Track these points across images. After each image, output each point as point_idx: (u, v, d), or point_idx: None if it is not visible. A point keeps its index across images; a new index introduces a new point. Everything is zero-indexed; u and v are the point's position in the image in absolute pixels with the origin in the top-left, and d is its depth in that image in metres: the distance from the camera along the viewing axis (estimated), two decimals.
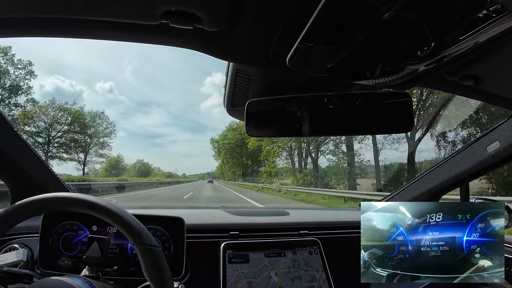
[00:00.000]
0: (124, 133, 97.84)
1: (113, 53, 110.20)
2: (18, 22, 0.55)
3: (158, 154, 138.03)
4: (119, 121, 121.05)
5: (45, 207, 0.60)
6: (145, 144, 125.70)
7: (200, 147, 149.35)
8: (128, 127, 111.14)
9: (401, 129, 0.78)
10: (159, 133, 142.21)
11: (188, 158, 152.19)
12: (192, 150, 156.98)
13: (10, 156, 0.97)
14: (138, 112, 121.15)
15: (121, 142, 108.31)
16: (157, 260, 0.58)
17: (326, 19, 0.43)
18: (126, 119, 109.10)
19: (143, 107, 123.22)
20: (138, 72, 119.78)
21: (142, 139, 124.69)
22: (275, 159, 28.03)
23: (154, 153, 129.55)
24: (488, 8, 0.39)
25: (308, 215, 1.36)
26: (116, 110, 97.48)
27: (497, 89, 0.76)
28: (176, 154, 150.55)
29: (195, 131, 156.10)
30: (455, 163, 1.10)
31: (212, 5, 0.49)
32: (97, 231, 0.90)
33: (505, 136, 0.90)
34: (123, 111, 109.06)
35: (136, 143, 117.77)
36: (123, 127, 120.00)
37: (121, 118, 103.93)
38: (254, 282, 0.94)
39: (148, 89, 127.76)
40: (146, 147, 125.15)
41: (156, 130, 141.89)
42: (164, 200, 13.79)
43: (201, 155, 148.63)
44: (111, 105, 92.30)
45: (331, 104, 0.74)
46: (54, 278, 0.60)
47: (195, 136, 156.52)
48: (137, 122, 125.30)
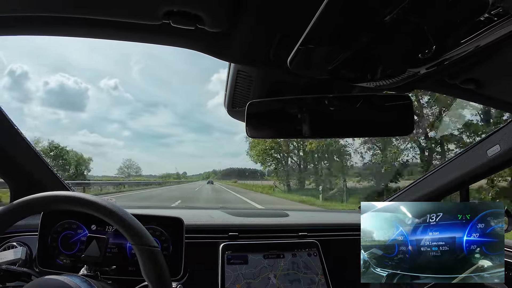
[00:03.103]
0: (130, 133, 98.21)
1: (119, 52, 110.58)
2: (20, 20, 0.55)
3: (165, 154, 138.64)
4: (126, 121, 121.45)
5: (45, 205, 0.60)
6: (152, 144, 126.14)
7: (205, 148, 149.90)
8: (135, 127, 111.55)
9: (401, 132, 0.78)
10: (166, 134, 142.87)
11: (193, 159, 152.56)
12: (197, 150, 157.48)
13: (10, 154, 0.98)
14: (145, 112, 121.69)
15: (128, 142, 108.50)
16: (155, 261, 0.58)
17: (328, 21, 0.43)
18: (133, 119, 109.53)
19: (150, 107, 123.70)
20: (144, 71, 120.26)
21: (148, 139, 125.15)
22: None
23: (161, 153, 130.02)
24: (490, 12, 0.39)
25: (308, 216, 1.36)
26: (123, 110, 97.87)
27: (498, 92, 0.76)
28: (183, 154, 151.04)
29: (201, 131, 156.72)
30: (455, 166, 1.09)
31: (213, 5, 0.49)
32: (96, 230, 0.90)
33: (505, 140, 0.90)
34: (130, 111, 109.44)
35: (143, 143, 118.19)
36: (130, 127, 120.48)
37: (128, 118, 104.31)
38: (252, 283, 0.94)
39: (155, 89, 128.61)
40: (152, 147, 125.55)
41: (163, 130, 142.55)
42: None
43: (207, 155, 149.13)
44: (117, 105, 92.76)
45: (331, 106, 0.74)
46: (52, 276, 0.60)
47: (201, 136, 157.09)
48: (144, 122, 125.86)
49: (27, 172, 1.04)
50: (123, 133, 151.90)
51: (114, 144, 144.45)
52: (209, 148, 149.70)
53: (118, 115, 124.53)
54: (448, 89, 0.77)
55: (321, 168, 22.66)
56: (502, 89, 0.74)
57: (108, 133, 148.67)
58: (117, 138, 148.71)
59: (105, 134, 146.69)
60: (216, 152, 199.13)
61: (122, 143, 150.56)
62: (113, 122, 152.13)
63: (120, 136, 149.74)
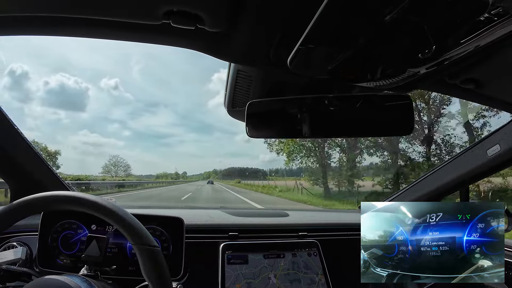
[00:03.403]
0: (131, 133, 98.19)
1: (119, 52, 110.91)
2: (19, 20, 0.55)
3: (166, 154, 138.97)
4: (126, 121, 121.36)
5: (45, 205, 0.60)
6: (153, 144, 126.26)
7: (206, 147, 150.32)
8: (135, 127, 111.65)
9: (401, 132, 0.78)
10: (167, 133, 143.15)
11: (194, 159, 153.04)
12: (198, 150, 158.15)
13: (10, 154, 0.98)
14: (146, 112, 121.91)
15: (128, 142, 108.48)
16: (155, 260, 0.58)
17: (328, 21, 0.43)
18: (133, 119, 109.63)
19: (151, 107, 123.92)
20: (145, 71, 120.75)
21: (149, 139, 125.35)
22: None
23: (162, 153, 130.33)
24: (490, 12, 0.39)
25: (308, 216, 1.36)
26: (124, 110, 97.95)
27: (498, 92, 0.76)
28: (184, 154, 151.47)
29: (202, 131, 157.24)
30: (455, 166, 1.10)
31: (213, 5, 0.49)
32: (96, 230, 0.90)
33: (505, 140, 0.90)
34: (131, 111, 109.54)
35: (144, 143, 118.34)
36: (130, 127, 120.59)
37: (129, 118, 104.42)
38: (253, 283, 0.94)
39: (156, 89, 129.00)
40: (153, 147, 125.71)
41: (163, 130, 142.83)
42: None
43: (207, 155, 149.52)
44: (117, 105, 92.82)
45: (331, 106, 0.74)
46: (52, 276, 0.60)
47: (202, 136, 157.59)
48: (145, 122, 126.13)
49: (27, 172, 1.04)
50: (124, 133, 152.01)
51: (114, 144, 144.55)
52: (210, 148, 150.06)
53: (118, 115, 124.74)
54: (448, 89, 0.77)
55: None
56: (502, 89, 0.75)
57: (108, 133, 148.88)
58: (118, 138, 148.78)
59: (106, 134, 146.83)
60: (217, 152, 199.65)
61: (123, 143, 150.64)
62: (113, 122, 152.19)
63: (120, 136, 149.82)
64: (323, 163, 18.79)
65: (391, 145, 15.93)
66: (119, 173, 35.43)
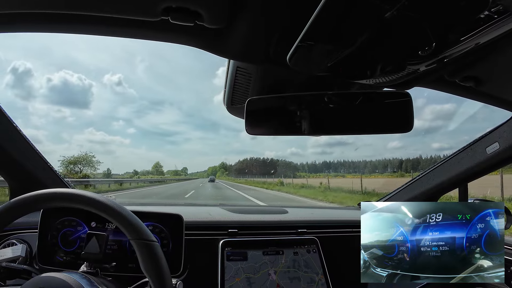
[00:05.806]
0: (136, 130, 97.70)
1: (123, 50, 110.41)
2: (19, 17, 0.54)
3: (172, 152, 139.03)
4: (132, 119, 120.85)
5: (44, 203, 0.60)
6: (159, 142, 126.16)
7: (211, 145, 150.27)
8: (141, 125, 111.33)
9: (401, 129, 0.78)
10: (173, 131, 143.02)
11: (200, 156, 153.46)
12: (204, 147, 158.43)
13: (9, 152, 0.97)
14: (151, 110, 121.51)
15: (134, 140, 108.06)
16: (154, 255, 0.58)
17: (327, 17, 0.43)
18: (139, 117, 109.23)
19: (156, 105, 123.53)
20: (149, 69, 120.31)
21: (155, 137, 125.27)
22: None
23: (168, 151, 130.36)
24: (490, 9, 0.39)
25: (307, 213, 1.36)
26: (129, 108, 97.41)
27: (498, 90, 0.76)
28: (190, 151, 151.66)
29: (207, 128, 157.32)
30: (454, 163, 1.10)
31: (212, 1, 0.48)
32: (96, 227, 0.90)
33: (504, 138, 0.90)
34: (136, 109, 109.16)
35: (149, 141, 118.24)
36: (136, 125, 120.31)
37: (134, 116, 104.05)
38: (252, 278, 0.95)
39: (160, 87, 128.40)
40: (160, 145, 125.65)
41: (169, 128, 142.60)
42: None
43: (213, 152, 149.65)
44: (123, 103, 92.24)
45: (331, 103, 0.74)
46: (52, 274, 0.60)
47: (207, 133, 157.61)
48: (151, 120, 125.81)
49: (26, 170, 1.04)
50: (129, 130, 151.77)
51: (120, 142, 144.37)
52: (215, 146, 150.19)
53: (124, 113, 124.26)
54: (448, 87, 0.77)
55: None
56: (502, 87, 0.75)
57: (114, 131, 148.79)
58: (123, 136, 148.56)
59: (111, 132, 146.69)
60: (222, 149, 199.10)
61: (129, 141, 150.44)
62: (119, 120, 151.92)
63: (125, 134, 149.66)
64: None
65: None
66: (85, 171, 30.00)
